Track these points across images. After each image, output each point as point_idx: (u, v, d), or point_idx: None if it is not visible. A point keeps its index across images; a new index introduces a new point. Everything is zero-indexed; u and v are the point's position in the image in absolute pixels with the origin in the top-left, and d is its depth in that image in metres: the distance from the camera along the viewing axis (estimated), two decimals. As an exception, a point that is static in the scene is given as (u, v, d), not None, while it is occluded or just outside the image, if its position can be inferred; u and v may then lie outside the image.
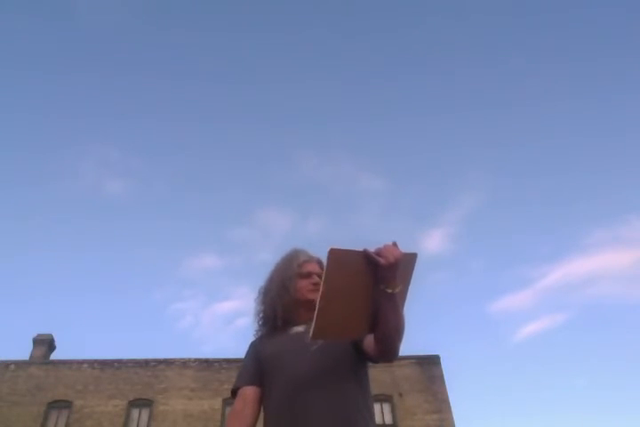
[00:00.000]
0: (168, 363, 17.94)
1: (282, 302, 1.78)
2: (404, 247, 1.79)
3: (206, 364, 17.97)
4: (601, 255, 45.96)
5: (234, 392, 1.73)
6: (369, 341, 1.56)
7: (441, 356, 17.89)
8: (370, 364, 1.70)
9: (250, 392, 1.68)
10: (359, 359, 1.65)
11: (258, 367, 1.73)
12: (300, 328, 1.75)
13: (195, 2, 47.13)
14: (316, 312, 1.35)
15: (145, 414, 16.68)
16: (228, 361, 18.08)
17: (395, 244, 1.40)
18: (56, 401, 16.74)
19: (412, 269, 1.44)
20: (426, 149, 48.09)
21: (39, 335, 19.45)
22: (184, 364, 17.94)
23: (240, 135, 47.13)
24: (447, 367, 18.53)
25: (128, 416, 16.58)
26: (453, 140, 47.34)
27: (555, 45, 45.75)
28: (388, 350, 1.50)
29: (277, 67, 48.17)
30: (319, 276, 1.81)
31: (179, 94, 45.96)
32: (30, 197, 43.44)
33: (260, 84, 48.37)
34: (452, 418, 16.33)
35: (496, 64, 46.19)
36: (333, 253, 1.33)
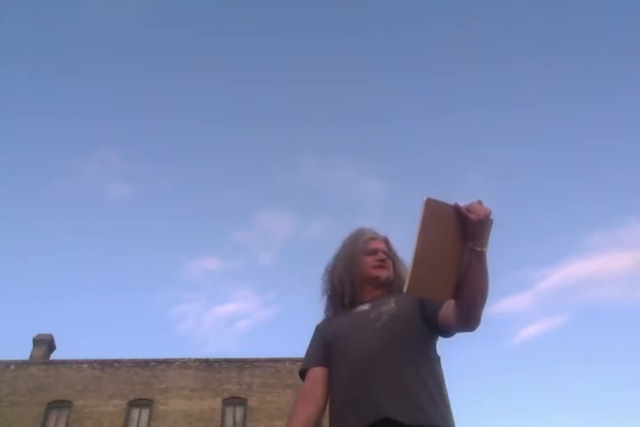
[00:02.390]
0: (168, 363, 17.94)
1: (349, 279, 1.75)
2: (404, 250, 1.78)
3: (206, 364, 17.97)
4: (600, 258, 45.97)
5: (302, 374, 1.72)
6: (447, 309, 1.48)
7: (441, 356, 17.89)
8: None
9: (318, 373, 1.66)
10: (429, 334, 1.59)
11: (324, 348, 1.70)
12: (364, 307, 1.71)
13: (195, 4, 47.16)
14: (411, 262, 1.27)
15: (145, 414, 16.68)
16: (228, 361, 18.08)
17: (480, 202, 1.34)
18: (56, 401, 16.73)
19: (489, 235, 1.37)
20: (427, 153, 48.13)
21: (39, 335, 19.44)
22: (184, 364, 17.94)
23: (241, 138, 47.12)
24: (447, 367, 18.51)
25: (128, 416, 16.58)
26: (454, 144, 47.38)
27: (555, 48, 45.79)
28: (472, 317, 1.40)
29: (279, 69, 48.20)
30: (385, 253, 1.80)
31: (180, 97, 46.00)
32: (32, 199, 43.49)
33: (261, 86, 48.37)
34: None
35: (497, 67, 46.25)
36: (429, 202, 1.27)
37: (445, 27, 46.95)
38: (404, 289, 1.29)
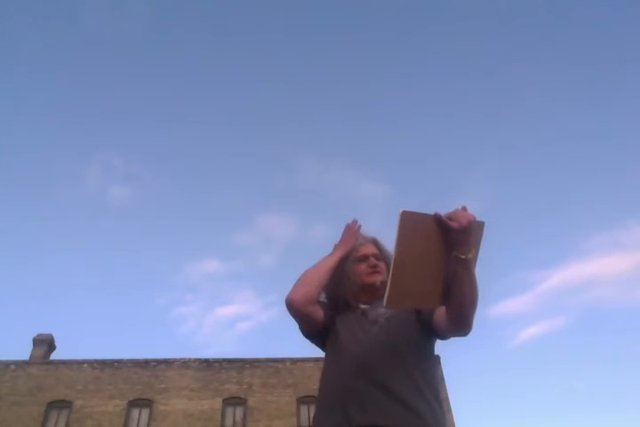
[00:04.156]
0: (168, 363, 17.92)
1: (345, 288, 1.75)
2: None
3: (206, 364, 17.95)
4: (600, 260, 46.06)
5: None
6: (440, 314, 1.47)
7: (441, 356, 17.90)
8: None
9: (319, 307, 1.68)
10: (425, 337, 1.59)
11: (328, 316, 1.71)
12: (362, 308, 1.72)
13: (195, 6, 47.09)
14: (389, 277, 1.27)
15: (145, 414, 16.66)
16: (228, 361, 18.06)
17: (464, 208, 1.32)
18: (56, 401, 16.71)
19: (481, 238, 1.35)
20: (427, 155, 48.24)
21: (39, 335, 19.42)
22: (184, 364, 17.92)
23: (242, 140, 47.22)
24: (447, 368, 18.53)
25: (128, 416, 16.56)
26: (454, 146, 47.42)
27: (554, 50, 45.77)
28: (463, 323, 1.40)
29: (280, 71, 48.16)
30: (375, 257, 1.79)
31: (180, 99, 45.94)
32: (33, 200, 43.53)
33: (262, 89, 48.37)
34: (452, 418, 16.33)
35: (497, 68, 46.25)
36: (405, 215, 1.26)
37: (445, 29, 46.94)
38: (384, 303, 1.29)
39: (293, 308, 1.62)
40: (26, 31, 43.49)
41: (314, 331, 1.71)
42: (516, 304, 45.71)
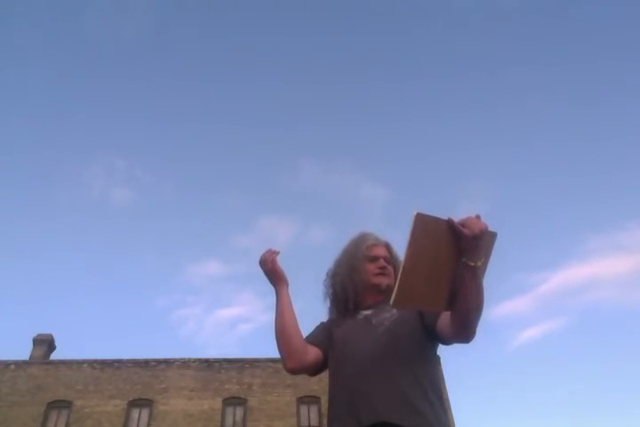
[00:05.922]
0: (168, 363, 17.93)
1: (352, 285, 1.76)
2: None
3: (206, 364, 17.96)
4: (599, 262, 46.12)
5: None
6: (444, 320, 1.48)
7: (441, 357, 17.89)
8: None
9: (314, 347, 1.72)
10: (429, 341, 1.59)
11: (326, 339, 1.74)
12: (367, 312, 1.72)
13: (196, 9, 47.09)
14: (398, 277, 1.28)
15: (145, 414, 16.67)
16: (228, 361, 18.07)
17: (478, 216, 1.33)
18: (56, 401, 16.72)
19: (492, 248, 1.35)
20: (427, 158, 48.28)
21: (39, 335, 19.43)
22: (184, 364, 17.93)
23: (243, 143, 47.25)
24: (447, 368, 18.55)
25: (128, 416, 16.57)
26: (454, 149, 47.47)
27: (554, 51, 45.77)
28: (465, 330, 1.41)
29: (281, 74, 48.18)
30: (386, 260, 1.80)
31: (182, 102, 45.95)
32: (34, 201, 43.54)
33: (263, 91, 48.39)
34: (452, 418, 16.33)
35: (497, 72, 46.26)
36: (419, 217, 1.27)
37: (446, 30, 46.95)
38: (391, 302, 1.29)
39: (298, 372, 1.72)
40: (29, 32, 43.55)
41: (321, 367, 1.75)
42: (517, 306, 45.76)
